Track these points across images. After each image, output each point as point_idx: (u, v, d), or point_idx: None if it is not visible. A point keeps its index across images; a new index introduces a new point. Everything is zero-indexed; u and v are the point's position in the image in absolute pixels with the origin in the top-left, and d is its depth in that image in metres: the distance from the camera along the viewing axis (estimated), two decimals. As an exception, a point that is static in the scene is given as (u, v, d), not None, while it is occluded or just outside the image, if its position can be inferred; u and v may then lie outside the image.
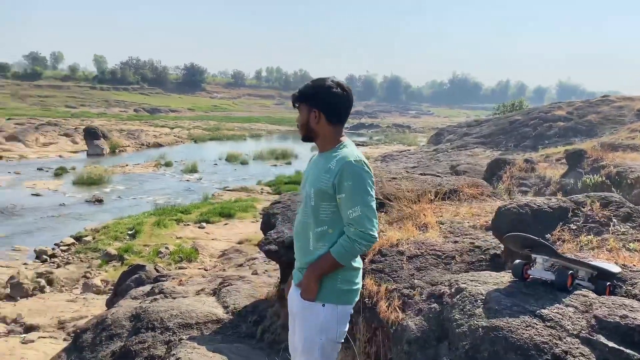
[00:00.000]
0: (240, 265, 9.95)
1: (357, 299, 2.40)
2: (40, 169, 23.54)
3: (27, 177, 21.42)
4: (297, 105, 2.41)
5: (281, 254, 4.36)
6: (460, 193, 5.41)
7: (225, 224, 14.03)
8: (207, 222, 14.01)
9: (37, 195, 17.96)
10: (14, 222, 14.37)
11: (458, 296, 2.47)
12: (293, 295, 2.42)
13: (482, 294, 2.39)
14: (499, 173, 10.66)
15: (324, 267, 2.27)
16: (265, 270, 8.02)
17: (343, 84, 2.37)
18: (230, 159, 29.03)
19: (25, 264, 10.80)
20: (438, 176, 6.65)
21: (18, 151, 29.05)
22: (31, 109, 70.47)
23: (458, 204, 5.12)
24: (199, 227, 13.55)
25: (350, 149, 2.33)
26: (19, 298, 8.78)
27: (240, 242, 12.15)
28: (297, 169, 23.69)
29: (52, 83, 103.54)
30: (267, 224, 5.22)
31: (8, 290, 8.97)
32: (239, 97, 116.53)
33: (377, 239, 2.32)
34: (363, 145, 37.30)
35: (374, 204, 2.26)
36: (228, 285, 5.45)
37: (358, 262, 2.37)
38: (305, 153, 29.09)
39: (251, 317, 4.58)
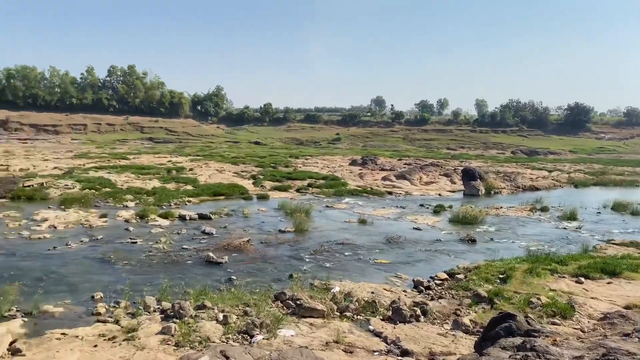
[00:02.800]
0: (627, 335, 8.40)
1: None
2: (421, 205, 26.02)
3: (410, 212, 23.97)
4: None
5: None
6: None
7: (609, 283, 12.24)
8: (586, 277, 12.52)
9: (417, 229, 19.84)
10: (398, 251, 16.21)
11: None
12: None
13: None
14: None
15: None
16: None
17: None
18: (618, 207, 25.49)
19: (405, 291, 11.95)
20: None
21: (405, 188, 32.98)
22: (418, 150, 79.45)
23: None
24: (576, 282, 12.24)
25: None
26: (398, 322, 9.71)
27: (627, 307, 10.34)
28: None
29: (437, 127, 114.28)
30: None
31: (390, 313, 10.05)
32: (632, 138, 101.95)
33: None
34: None
35: None
36: (614, 360, 4.61)
37: None
38: None
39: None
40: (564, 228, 20.81)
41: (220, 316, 9.16)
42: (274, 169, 41.47)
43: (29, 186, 26.44)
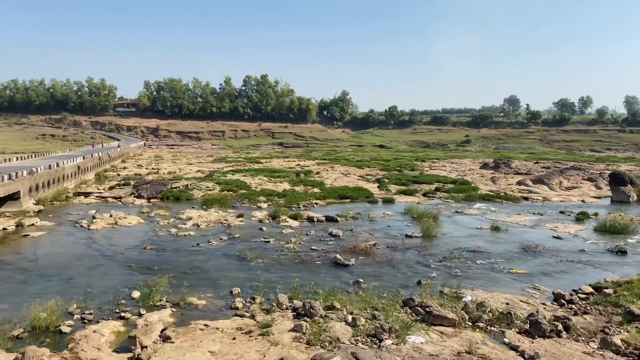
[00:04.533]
0: None
1: None
2: (562, 212, 24.05)
3: (549, 219, 22.25)
4: None
5: None
6: None
7: None
8: None
9: (557, 237, 18.35)
10: (535, 261, 15.12)
11: None
12: None
13: None
14: None
15: None
16: None
17: None
18: None
19: (543, 304, 11.10)
20: None
21: (542, 193, 30.73)
22: (557, 152, 73.70)
23: None
24: None
25: None
26: (536, 336, 9.04)
27: None
28: None
29: (578, 127, 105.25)
30: None
31: (527, 326, 9.40)
32: None
33: None
34: None
35: None
36: None
37: None
38: None
39: None
40: None
41: (349, 318, 9.26)
42: (399, 173, 41.16)
43: (175, 188, 29.14)
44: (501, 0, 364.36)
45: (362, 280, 12.68)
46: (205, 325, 9.31)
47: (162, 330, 8.86)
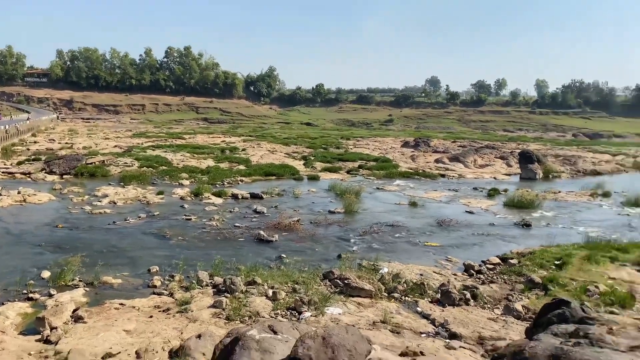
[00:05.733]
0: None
1: None
2: (475, 189, 25.41)
3: (463, 195, 23.46)
4: None
5: None
6: None
7: (675, 273, 11.58)
8: (650, 266, 11.90)
9: (470, 212, 19.42)
10: (449, 234, 15.95)
11: None
12: None
13: None
14: None
15: None
16: None
17: None
18: (689, 194, 23.96)
19: (455, 274, 11.77)
20: None
21: (458, 171, 32.27)
22: (473, 132, 77.41)
23: None
24: (638, 270, 11.64)
25: None
26: (446, 305, 9.60)
27: (695, 299, 9.77)
28: None
29: (493, 109, 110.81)
30: None
31: (439, 296, 9.95)
32: None
33: None
34: None
35: None
36: (676, 352, 4.37)
37: None
38: None
39: None
40: (627, 214, 19.81)
41: (270, 292, 9.35)
42: (325, 150, 41.56)
43: (91, 163, 27.73)
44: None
45: (284, 256, 12.80)
46: (121, 304, 9.05)
47: (74, 311, 8.52)
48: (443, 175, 30.19)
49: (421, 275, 11.23)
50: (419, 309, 9.43)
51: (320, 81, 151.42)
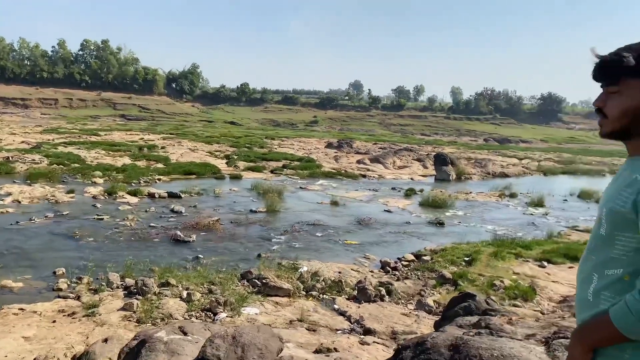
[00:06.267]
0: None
1: None
2: (393, 189, 26.20)
3: (382, 195, 24.13)
4: (612, 81, 1.70)
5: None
6: None
7: (570, 267, 12.52)
8: (549, 261, 12.82)
9: (388, 211, 19.99)
10: (368, 232, 16.32)
11: None
12: None
13: None
14: None
15: (597, 334, 1.52)
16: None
17: None
18: (583, 195, 26.10)
19: (372, 271, 12.05)
20: None
21: (378, 171, 33.13)
22: (393, 135, 79.81)
23: None
24: (539, 266, 12.52)
25: None
26: (362, 301, 9.79)
27: (586, 291, 10.63)
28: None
29: (412, 113, 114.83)
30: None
31: (355, 293, 10.13)
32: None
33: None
34: None
35: None
36: (562, 338, 4.72)
37: None
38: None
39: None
40: (531, 214, 21.23)
41: (185, 294, 9.09)
42: (248, 150, 41.12)
43: (-7, 160, 25.66)
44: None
45: (201, 256, 12.50)
46: (21, 309, 8.42)
47: (-35, 318, 7.82)
48: (364, 176, 30.86)
49: (339, 273, 11.39)
50: (336, 306, 9.55)
51: (245, 80, 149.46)
